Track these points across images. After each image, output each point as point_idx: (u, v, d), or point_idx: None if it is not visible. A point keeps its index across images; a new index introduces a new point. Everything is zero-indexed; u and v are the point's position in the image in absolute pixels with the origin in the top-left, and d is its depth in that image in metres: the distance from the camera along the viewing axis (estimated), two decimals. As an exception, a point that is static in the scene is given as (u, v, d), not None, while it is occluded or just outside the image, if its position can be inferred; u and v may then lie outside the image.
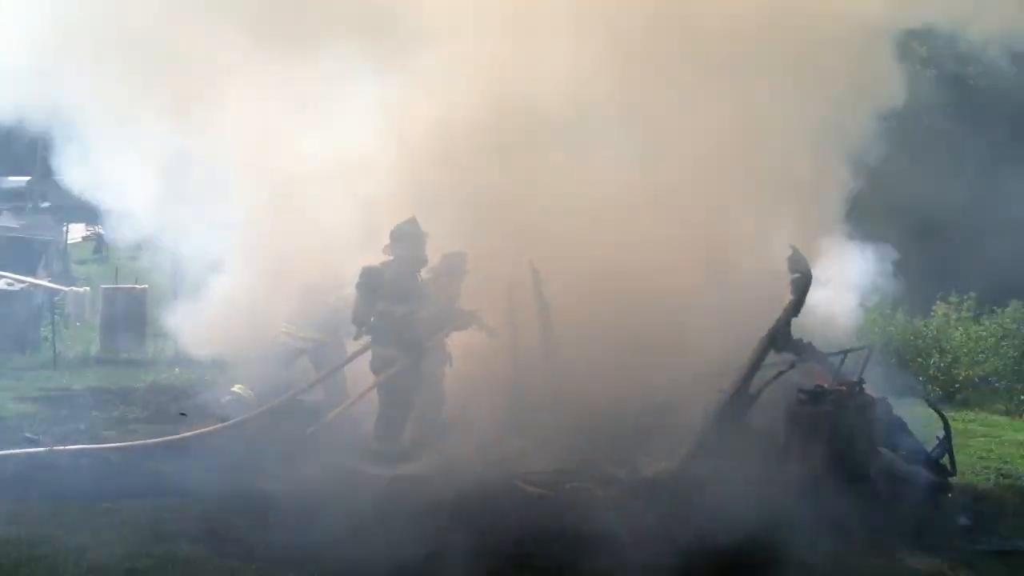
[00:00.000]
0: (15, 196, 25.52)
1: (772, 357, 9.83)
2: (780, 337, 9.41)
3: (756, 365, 9.45)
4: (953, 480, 10.02)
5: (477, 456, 10.32)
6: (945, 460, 9.95)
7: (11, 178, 26.22)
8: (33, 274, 19.96)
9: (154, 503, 8.23)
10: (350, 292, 10.75)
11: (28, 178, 25.64)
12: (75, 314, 17.36)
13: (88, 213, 21.54)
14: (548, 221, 10.70)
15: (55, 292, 17.47)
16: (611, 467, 9.89)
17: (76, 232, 25.12)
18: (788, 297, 9.39)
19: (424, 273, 10.78)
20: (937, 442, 10.11)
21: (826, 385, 9.72)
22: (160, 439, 10.37)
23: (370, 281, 10.41)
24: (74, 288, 17.99)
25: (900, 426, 10.27)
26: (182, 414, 10.99)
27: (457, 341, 11.18)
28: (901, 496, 9.47)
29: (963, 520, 9.46)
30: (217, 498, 8.54)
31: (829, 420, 9.38)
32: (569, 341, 10.64)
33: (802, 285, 9.30)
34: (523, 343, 10.94)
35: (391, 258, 10.48)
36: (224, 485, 8.91)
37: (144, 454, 9.90)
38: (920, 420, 10.67)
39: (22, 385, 13.31)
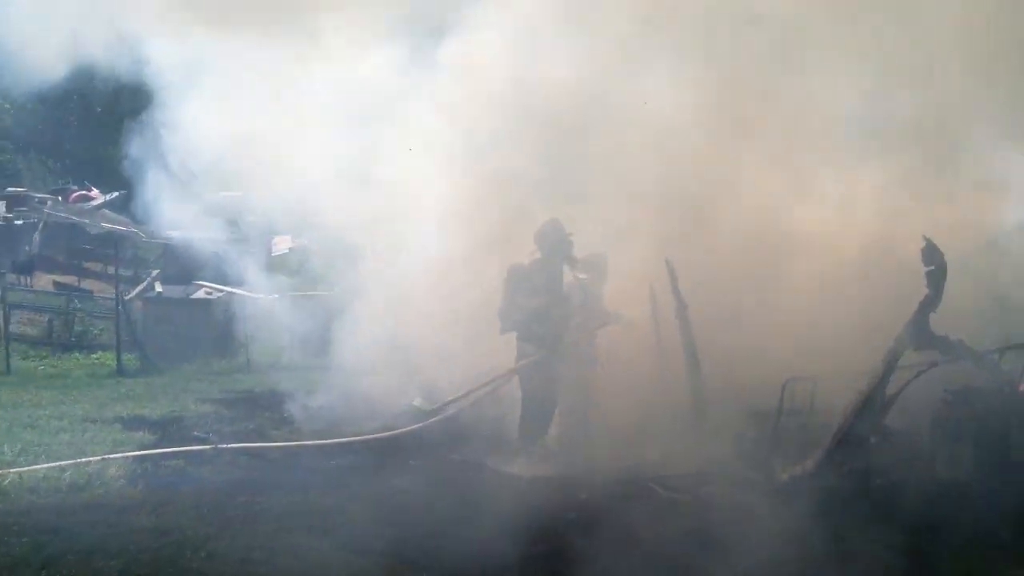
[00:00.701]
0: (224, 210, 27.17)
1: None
2: (917, 334, 8.96)
3: (892, 364, 9.03)
4: None
5: (617, 458, 10.35)
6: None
7: (223, 193, 27.92)
8: (236, 284, 21.30)
9: (292, 498, 8.63)
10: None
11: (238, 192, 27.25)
12: (266, 322, 18.37)
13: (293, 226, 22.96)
14: (691, 219, 10.59)
15: (252, 300, 18.55)
16: (748, 470, 9.70)
17: (282, 244, 26.46)
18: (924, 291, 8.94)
19: (569, 276, 10.93)
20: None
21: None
22: (319, 441, 10.91)
23: (514, 278, 10.66)
24: (264, 296, 19.05)
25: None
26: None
27: (603, 344, 11.24)
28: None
29: None
30: (353, 495, 8.90)
31: (977, 423, 8.89)
32: (708, 342, 10.46)
33: (938, 278, 8.83)
34: (667, 344, 10.87)
35: (536, 257, 10.69)
36: (362, 483, 9.37)
37: (301, 453, 10.40)
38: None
39: (210, 387, 14.28)
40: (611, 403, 11.01)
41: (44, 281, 22.55)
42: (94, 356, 17.52)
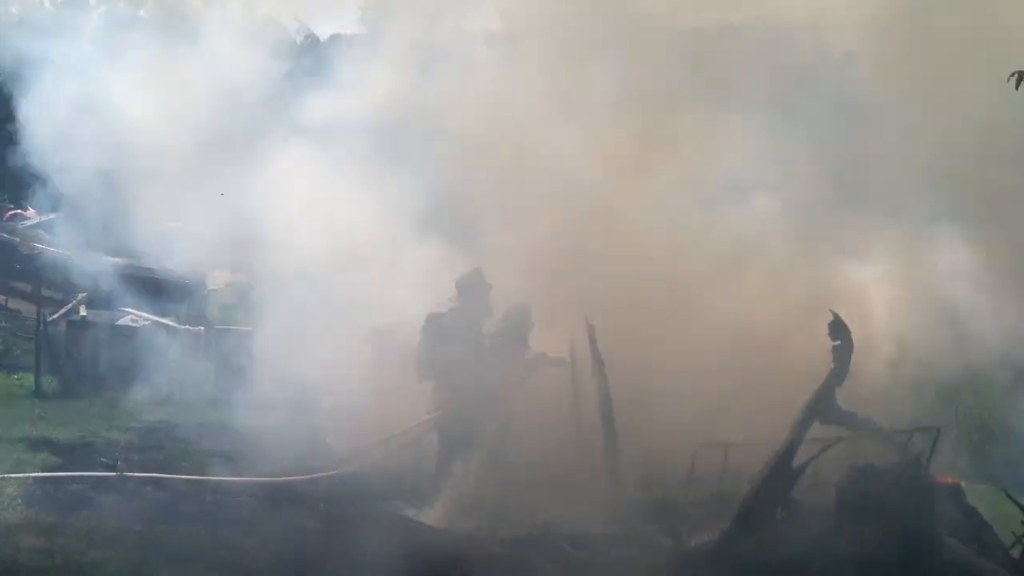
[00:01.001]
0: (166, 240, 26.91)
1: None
2: (823, 408, 9.11)
3: (798, 437, 9.18)
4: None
5: (531, 513, 10.32)
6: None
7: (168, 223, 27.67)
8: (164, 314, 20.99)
9: (190, 530, 8.48)
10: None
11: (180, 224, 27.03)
12: (190, 353, 18.11)
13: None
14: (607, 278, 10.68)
15: (177, 331, 18.28)
16: (658, 536, 9.72)
17: (220, 277, 26.21)
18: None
19: (490, 326, 10.96)
20: (1016, 537, 9.54)
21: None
22: (228, 478, 10.73)
23: (433, 327, 10.67)
24: (188, 327, 18.79)
25: (973, 516, 9.73)
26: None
27: (523, 398, 11.24)
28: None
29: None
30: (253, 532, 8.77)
31: (881, 500, 9.00)
32: (625, 399, 10.51)
33: (844, 352, 9.01)
34: (583, 402, 10.91)
35: (456, 306, 10.71)
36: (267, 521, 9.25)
37: (203, 488, 10.22)
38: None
39: (125, 415, 14.00)
40: (527, 458, 11.01)
41: (-30, 300, 22.00)
42: (15, 377, 17.06)
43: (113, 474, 10.17)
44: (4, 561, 7.03)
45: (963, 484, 9.91)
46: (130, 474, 10.23)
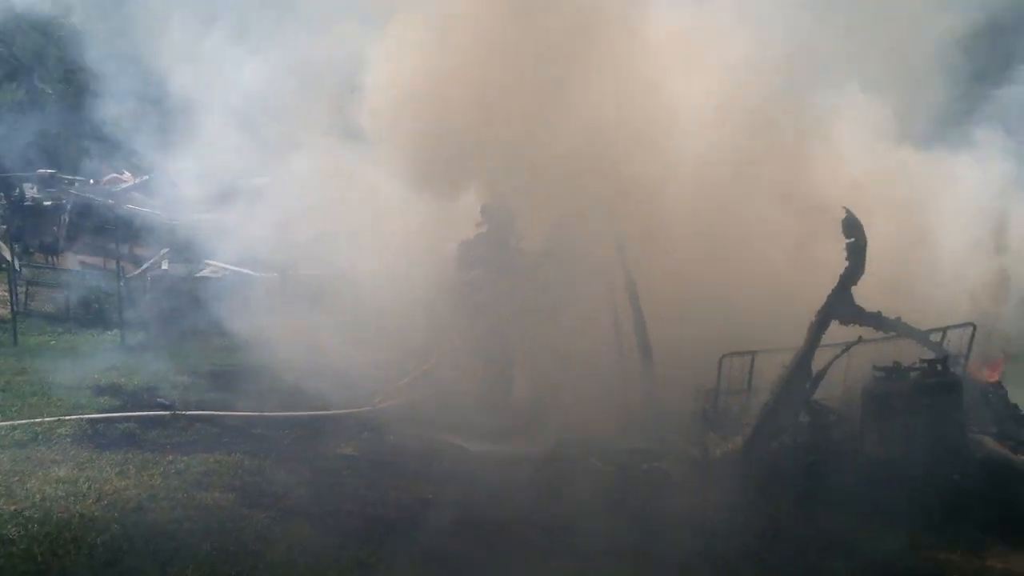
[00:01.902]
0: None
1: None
2: (839, 307, 8.91)
3: (815, 338, 9.02)
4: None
5: (570, 433, 10.45)
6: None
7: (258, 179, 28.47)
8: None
9: (218, 459, 8.86)
10: None
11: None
12: (266, 298, 18.68)
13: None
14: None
15: (252, 279, 18.85)
16: (687, 446, 9.73)
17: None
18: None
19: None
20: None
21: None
22: (278, 413, 11.16)
23: (464, 252, 10.90)
24: (263, 274, 19.32)
25: (1016, 415, 9.46)
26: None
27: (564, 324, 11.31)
28: (1003, 487, 8.77)
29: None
30: (288, 459, 9.13)
31: (905, 401, 8.82)
32: (655, 319, 10.47)
33: (858, 250, 8.78)
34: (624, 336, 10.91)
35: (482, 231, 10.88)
36: (306, 449, 9.63)
37: (253, 422, 10.63)
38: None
39: (199, 361, 14.59)
40: (567, 377, 11.10)
41: (71, 261, 23.06)
42: (109, 333, 17.93)
43: (164, 412, 10.63)
44: (32, 491, 7.49)
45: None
46: (182, 412, 10.67)
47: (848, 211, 8.77)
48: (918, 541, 8.32)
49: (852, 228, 8.75)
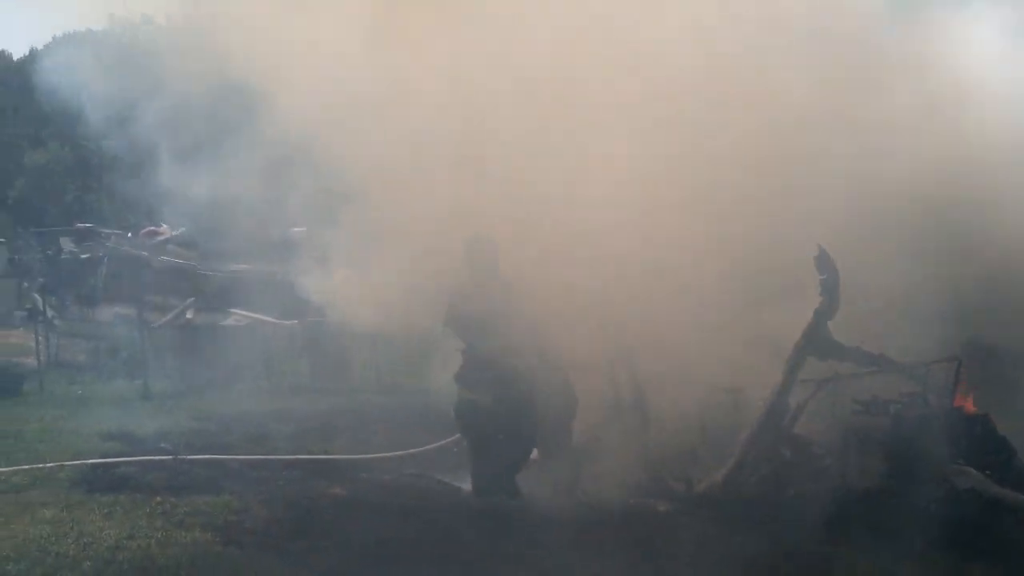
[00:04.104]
0: (292, 245, 28.20)
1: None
2: (816, 344, 8.98)
3: (792, 375, 9.07)
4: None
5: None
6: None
7: (294, 229, 28.94)
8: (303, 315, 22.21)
9: (208, 500, 9.06)
10: None
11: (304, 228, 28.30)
12: (286, 346, 19.06)
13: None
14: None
15: (274, 327, 19.26)
16: (670, 480, 9.77)
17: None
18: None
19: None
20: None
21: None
22: (281, 456, 11.36)
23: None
24: (282, 321, 19.70)
25: (1003, 446, 9.38)
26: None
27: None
28: (988, 521, 8.71)
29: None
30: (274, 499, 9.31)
31: (886, 433, 8.85)
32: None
33: (832, 285, 8.85)
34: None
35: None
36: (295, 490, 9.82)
37: (264, 466, 10.83)
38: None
39: (213, 408, 14.89)
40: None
41: (107, 313, 23.64)
42: (135, 382, 18.34)
43: (167, 457, 10.87)
44: (16, 532, 7.75)
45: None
46: (183, 456, 10.91)
47: (821, 247, 8.86)
48: (899, 571, 8.27)
49: (824, 264, 8.83)
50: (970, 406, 9.43)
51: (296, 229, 29.81)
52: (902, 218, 10.20)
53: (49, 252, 25.21)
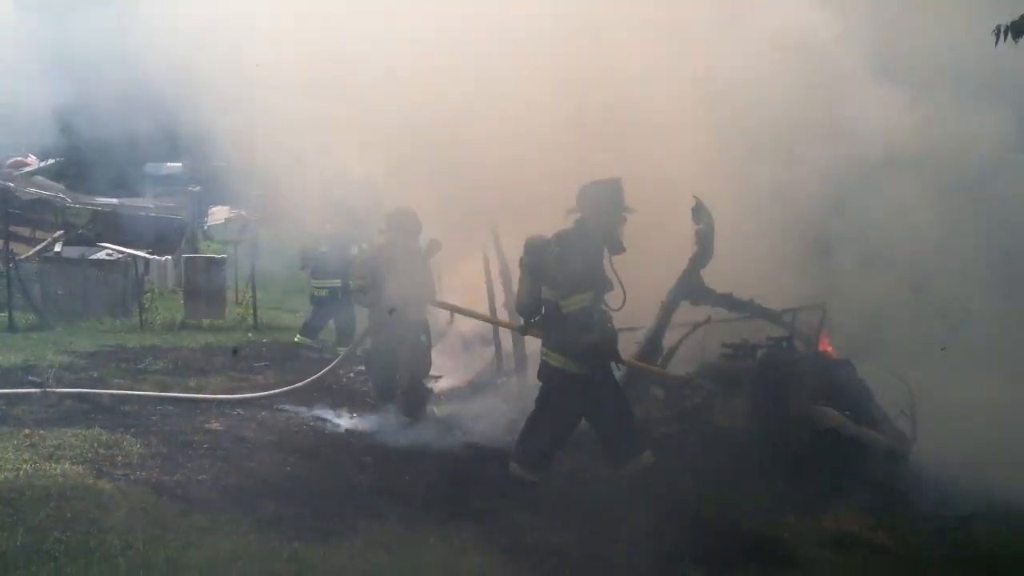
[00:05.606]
0: (168, 181, 27.61)
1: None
2: (691, 291, 9.27)
3: (665, 317, 9.35)
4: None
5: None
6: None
7: (168, 164, 28.33)
8: (175, 251, 21.81)
9: (76, 432, 8.90)
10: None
11: (180, 164, 27.76)
12: (158, 282, 18.71)
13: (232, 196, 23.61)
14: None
15: (149, 262, 18.87)
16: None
17: (219, 214, 26.76)
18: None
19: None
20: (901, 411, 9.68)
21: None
22: (151, 392, 11.19)
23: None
24: (155, 257, 19.33)
25: (861, 390, 9.82)
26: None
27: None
28: (847, 458, 9.15)
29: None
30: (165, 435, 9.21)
31: (752, 376, 9.20)
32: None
33: (706, 236, 9.11)
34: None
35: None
36: (167, 425, 9.70)
37: (127, 400, 10.64)
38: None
39: (83, 342, 14.54)
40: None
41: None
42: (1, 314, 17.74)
43: (34, 390, 10.60)
44: None
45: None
46: (52, 389, 10.64)
47: (697, 198, 9.09)
48: (760, 506, 8.62)
49: (700, 214, 9.08)
50: (833, 351, 9.84)
51: (171, 164, 29.25)
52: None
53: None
